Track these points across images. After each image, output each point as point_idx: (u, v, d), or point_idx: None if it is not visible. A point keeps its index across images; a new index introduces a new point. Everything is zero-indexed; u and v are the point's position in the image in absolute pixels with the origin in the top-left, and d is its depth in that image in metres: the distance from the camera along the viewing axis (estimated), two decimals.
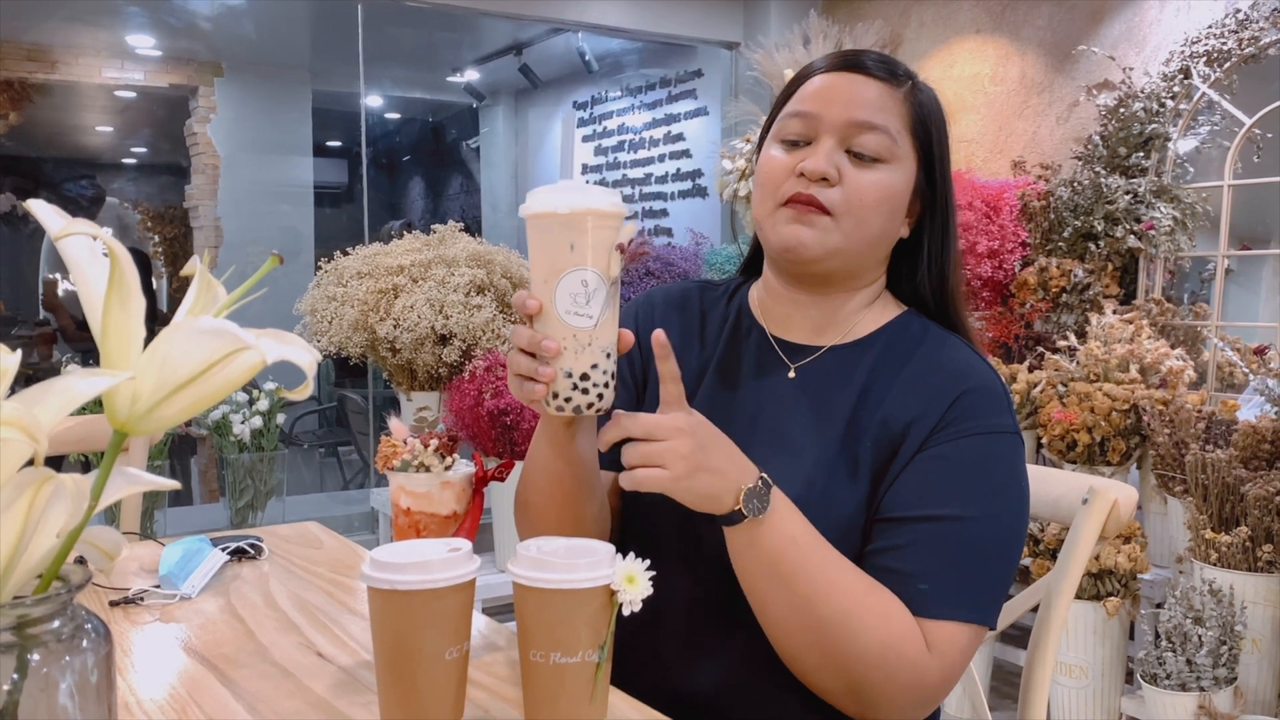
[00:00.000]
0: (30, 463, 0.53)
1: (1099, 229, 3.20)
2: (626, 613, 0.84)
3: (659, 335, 0.93)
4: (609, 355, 0.93)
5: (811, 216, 1.04)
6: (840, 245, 1.04)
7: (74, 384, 0.54)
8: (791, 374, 1.11)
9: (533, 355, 0.92)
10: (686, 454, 0.90)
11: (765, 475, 0.94)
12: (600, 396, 0.93)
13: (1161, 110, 3.27)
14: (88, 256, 0.60)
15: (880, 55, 1.09)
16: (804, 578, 0.93)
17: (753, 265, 1.22)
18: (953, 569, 0.97)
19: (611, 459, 1.15)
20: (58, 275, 6.27)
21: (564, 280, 0.90)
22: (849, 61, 1.07)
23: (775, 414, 1.09)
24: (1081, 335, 3.08)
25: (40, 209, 0.58)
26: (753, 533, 0.93)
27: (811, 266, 1.07)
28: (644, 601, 0.84)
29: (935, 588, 0.96)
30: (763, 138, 1.13)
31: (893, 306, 1.14)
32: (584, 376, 0.91)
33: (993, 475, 1.01)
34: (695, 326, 1.19)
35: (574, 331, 0.90)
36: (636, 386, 1.17)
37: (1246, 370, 2.96)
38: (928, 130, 1.07)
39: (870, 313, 1.12)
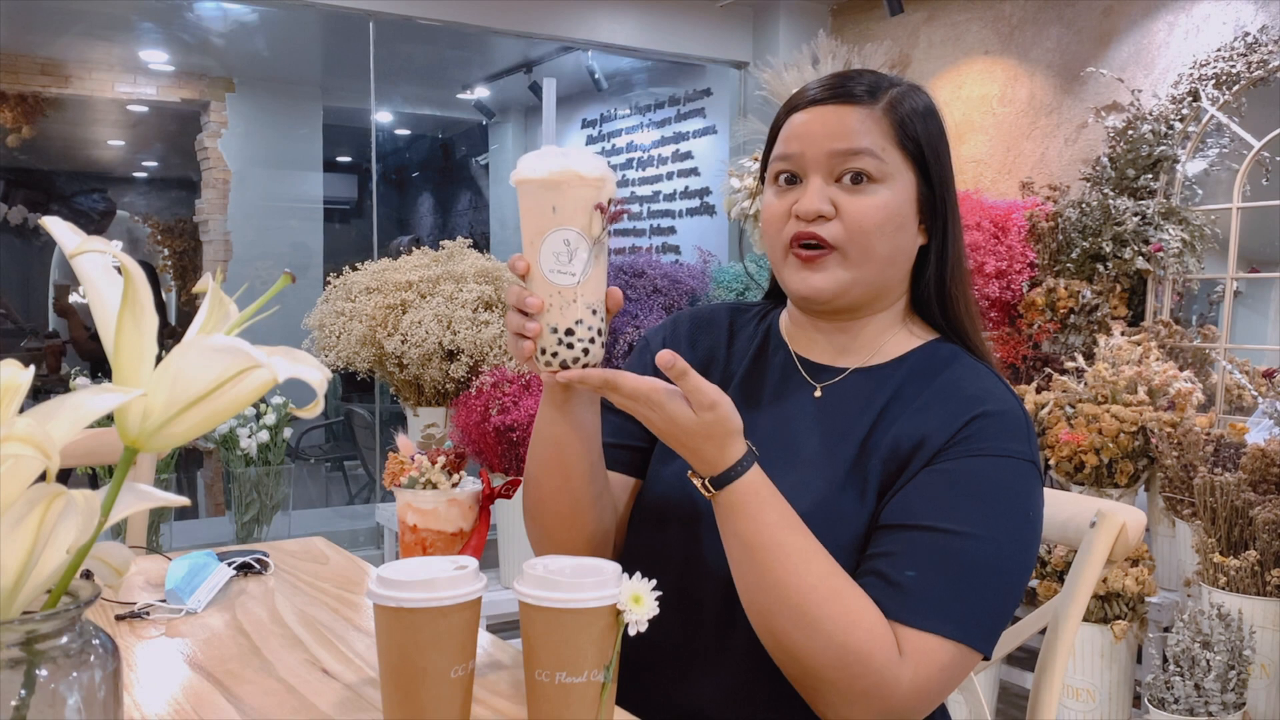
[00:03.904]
0: (42, 478, 0.53)
1: (1107, 250, 3.20)
2: (633, 633, 0.83)
3: (663, 356, 0.91)
4: (595, 312, 0.96)
5: (818, 260, 1.05)
6: (853, 277, 1.05)
7: (86, 400, 0.54)
8: (818, 393, 1.12)
9: (525, 314, 0.96)
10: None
11: (743, 460, 0.94)
12: (586, 351, 0.96)
13: (1170, 132, 3.27)
14: (101, 273, 0.60)
15: (861, 75, 1.09)
16: (765, 559, 0.94)
17: (777, 291, 1.23)
18: (941, 581, 0.95)
19: (619, 459, 1.16)
20: (69, 283, 6.30)
21: (547, 240, 0.94)
22: (828, 92, 1.07)
23: (794, 431, 1.10)
24: (1089, 356, 3.08)
25: (55, 226, 0.59)
26: (720, 503, 0.96)
27: (830, 305, 1.08)
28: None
29: (919, 595, 0.94)
30: (762, 170, 1.15)
31: (921, 331, 1.14)
32: (569, 331, 0.95)
33: (999, 498, 0.99)
34: (722, 344, 1.20)
35: (558, 289, 0.94)
36: None
37: (1255, 393, 2.95)
38: (916, 139, 1.07)
39: (899, 336, 1.12)
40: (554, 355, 0.95)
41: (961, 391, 1.05)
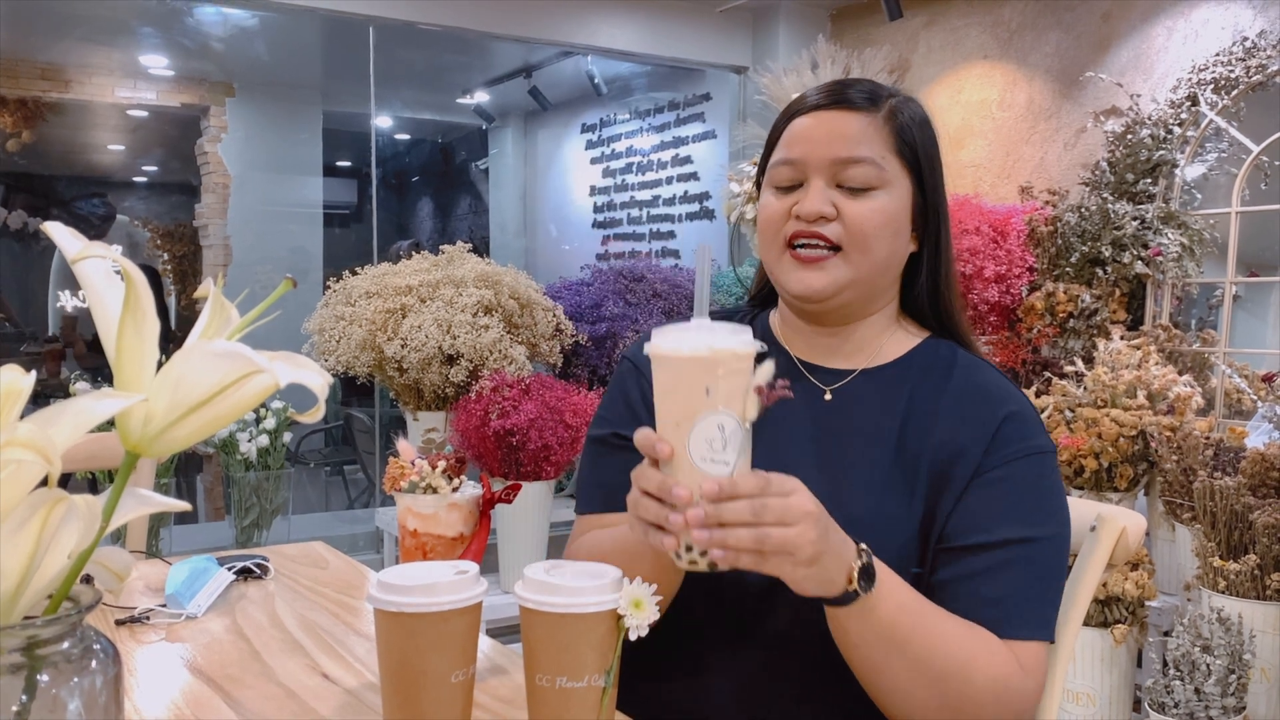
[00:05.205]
0: (44, 483, 0.53)
1: (1106, 255, 3.20)
2: (634, 638, 0.83)
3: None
4: None
5: (820, 260, 1.06)
6: (851, 277, 1.07)
7: (88, 405, 0.54)
8: (828, 396, 1.12)
9: (660, 501, 0.84)
10: (815, 539, 0.83)
11: (864, 546, 0.90)
12: None
13: (1169, 137, 3.28)
14: (103, 279, 0.60)
15: (860, 83, 1.11)
16: (917, 639, 0.94)
17: (763, 296, 1.23)
18: (1029, 589, 1.01)
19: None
20: (70, 297, 6.31)
21: (699, 425, 0.83)
22: (829, 98, 1.09)
23: (814, 435, 1.10)
24: (1089, 361, 3.08)
25: (57, 232, 0.59)
26: (865, 606, 0.90)
27: (827, 305, 1.09)
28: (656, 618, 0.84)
29: (1018, 609, 1.00)
30: (759, 174, 1.15)
31: (915, 330, 1.16)
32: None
33: (1045, 495, 1.05)
34: None
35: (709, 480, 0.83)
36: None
37: (1254, 397, 2.95)
38: (913, 147, 1.09)
39: (896, 336, 1.14)
40: (701, 554, 0.83)
41: (979, 393, 1.09)
